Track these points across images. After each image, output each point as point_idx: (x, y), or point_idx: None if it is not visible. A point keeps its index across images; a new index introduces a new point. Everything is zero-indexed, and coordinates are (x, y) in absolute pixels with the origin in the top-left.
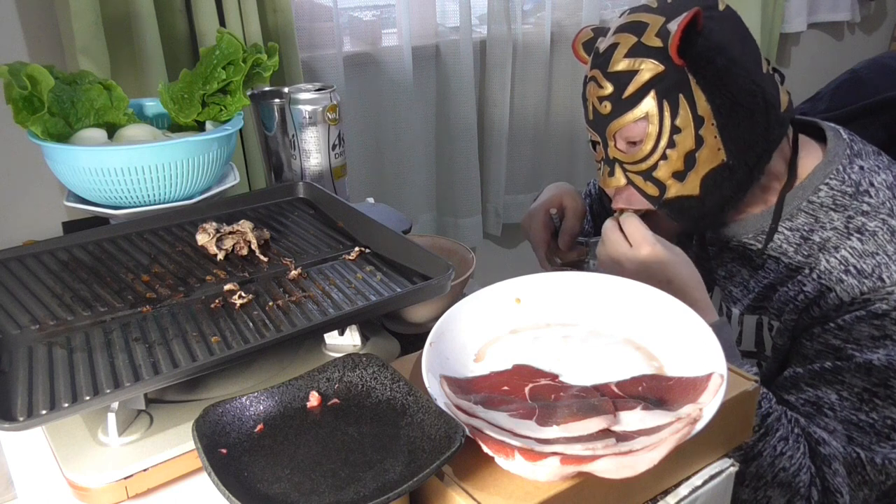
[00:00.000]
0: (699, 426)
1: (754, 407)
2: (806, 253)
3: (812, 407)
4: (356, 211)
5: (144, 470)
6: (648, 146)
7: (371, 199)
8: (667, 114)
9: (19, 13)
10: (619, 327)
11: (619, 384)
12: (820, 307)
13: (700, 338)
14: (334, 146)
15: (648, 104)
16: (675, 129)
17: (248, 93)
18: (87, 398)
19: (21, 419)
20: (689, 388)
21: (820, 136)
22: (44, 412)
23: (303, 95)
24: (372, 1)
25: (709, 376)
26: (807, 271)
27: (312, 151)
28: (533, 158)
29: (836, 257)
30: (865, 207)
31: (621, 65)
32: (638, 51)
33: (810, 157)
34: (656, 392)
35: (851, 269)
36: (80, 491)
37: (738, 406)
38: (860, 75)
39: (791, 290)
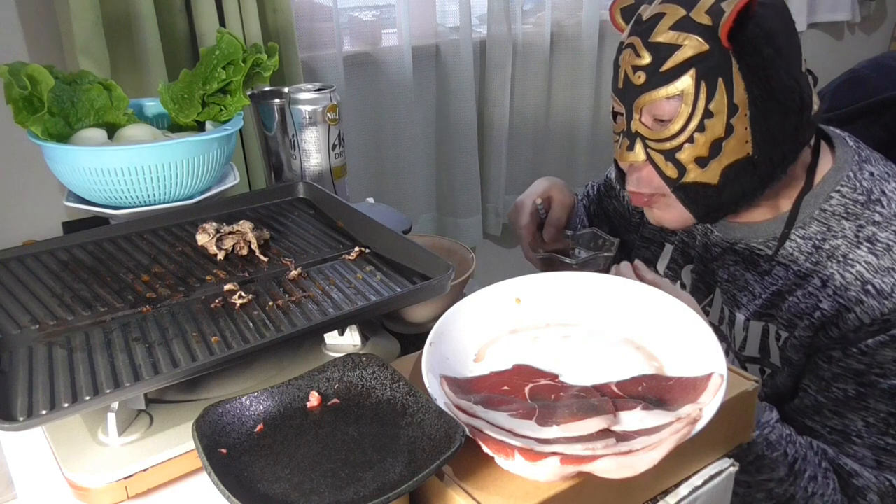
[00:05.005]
0: (699, 426)
1: (754, 407)
2: (815, 261)
3: (839, 435)
4: (356, 211)
5: (144, 470)
6: (677, 126)
7: (371, 199)
8: (702, 96)
9: (19, 13)
10: (619, 327)
11: (619, 384)
12: (839, 328)
13: (700, 338)
14: (334, 146)
15: (686, 82)
16: (708, 114)
17: (248, 93)
18: (87, 398)
19: (21, 419)
20: (689, 388)
21: (826, 141)
22: (44, 412)
23: (303, 95)
24: (372, 1)
25: (709, 376)
26: (817, 282)
27: (312, 151)
28: (533, 158)
29: (850, 272)
30: (877, 217)
31: (664, 36)
32: (685, 25)
33: (822, 164)
34: (656, 392)
35: (870, 288)
36: (80, 491)
37: (738, 406)
38: (860, 75)
39: (803, 302)
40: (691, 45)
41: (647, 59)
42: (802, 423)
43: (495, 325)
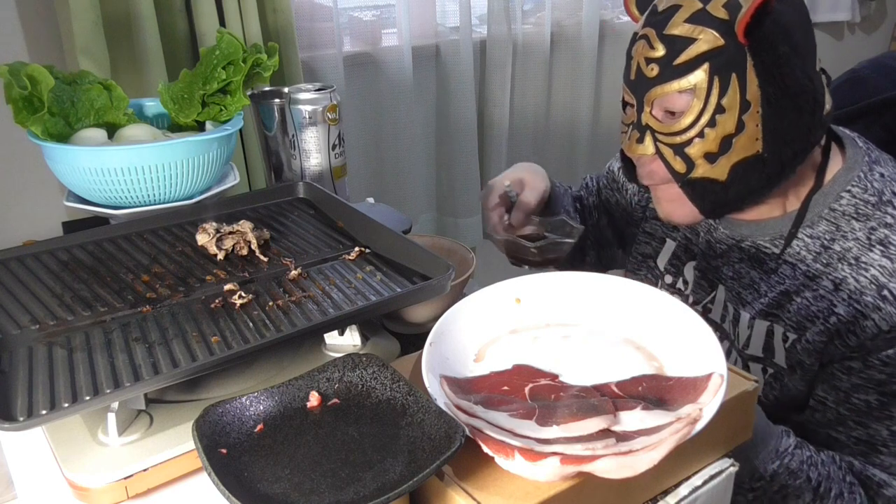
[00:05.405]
0: (699, 426)
1: (754, 407)
2: (825, 261)
3: (865, 445)
4: (356, 211)
5: (144, 470)
6: (688, 120)
7: (371, 199)
8: (715, 91)
9: (19, 13)
10: (619, 327)
11: (619, 384)
12: (857, 335)
13: (700, 338)
14: (334, 146)
15: (699, 76)
16: (720, 109)
17: (248, 93)
18: (87, 398)
19: (21, 419)
20: (689, 388)
21: (836, 142)
22: (44, 412)
23: (303, 95)
24: (372, 1)
25: (709, 376)
26: (828, 284)
27: (312, 151)
28: (533, 158)
29: (865, 276)
30: (889, 220)
31: (679, 29)
32: (700, 18)
33: (832, 164)
34: (656, 392)
35: (887, 294)
36: (80, 491)
37: (738, 406)
38: (861, 75)
39: (814, 304)
40: (706, 39)
41: (660, 51)
42: (827, 434)
43: (495, 325)
